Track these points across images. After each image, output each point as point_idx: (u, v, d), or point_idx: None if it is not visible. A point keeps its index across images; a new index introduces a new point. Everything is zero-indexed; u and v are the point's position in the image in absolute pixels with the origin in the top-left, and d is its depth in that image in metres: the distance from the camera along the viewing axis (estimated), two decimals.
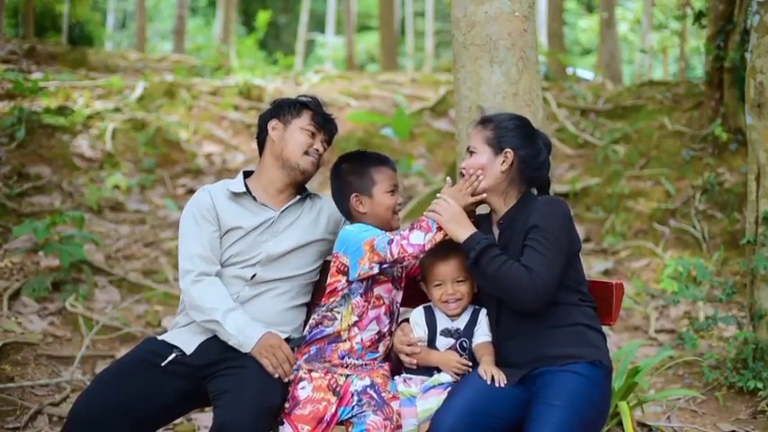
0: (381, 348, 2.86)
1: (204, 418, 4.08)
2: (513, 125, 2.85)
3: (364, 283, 2.78)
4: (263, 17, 15.87)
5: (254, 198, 3.02)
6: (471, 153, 2.84)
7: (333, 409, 2.72)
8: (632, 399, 3.83)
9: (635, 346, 4.30)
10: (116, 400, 2.71)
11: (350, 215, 2.93)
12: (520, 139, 2.83)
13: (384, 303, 2.82)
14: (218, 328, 2.82)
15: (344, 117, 10.31)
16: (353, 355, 2.79)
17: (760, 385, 4.13)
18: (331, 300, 2.82)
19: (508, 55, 3.51)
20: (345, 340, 2.79)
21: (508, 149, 2.80)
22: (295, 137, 3.01)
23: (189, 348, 2.87)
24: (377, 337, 2.82)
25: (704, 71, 7.94)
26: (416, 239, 2.69)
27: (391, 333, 2.88)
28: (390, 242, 2.70)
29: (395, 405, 2.72)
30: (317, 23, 27.39)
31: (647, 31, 18.26)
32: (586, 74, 17.28)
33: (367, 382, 2.76)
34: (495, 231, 2.87)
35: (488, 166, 2.80)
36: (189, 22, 22.02)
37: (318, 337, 2.81)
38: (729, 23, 7.07)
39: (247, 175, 3.12)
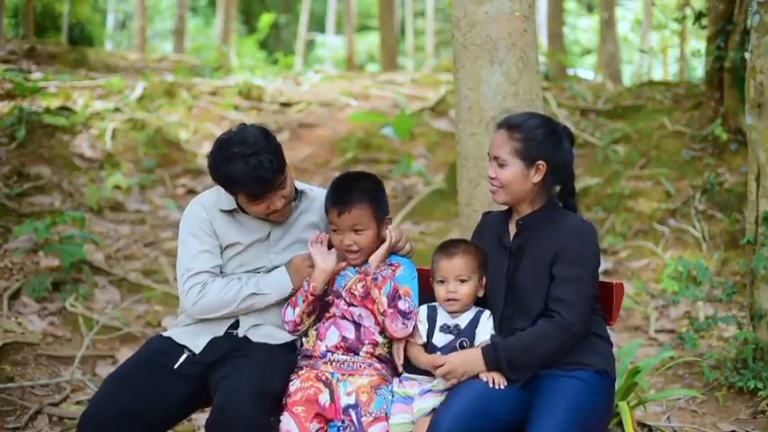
0: (362, 353, 2.84)
1: (204, 418, 4.06)
2: (543, 133, 2.74)
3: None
4: (266, 18, 15.88)
5: (246, 212, 2.96)
6: (501, 165, 2.74)
7: (327, 399, 2.72)
8: (632, 399, 3.82)
9: (635, 346, 4.29)
10: (131, 404, 2.68)
11: None
12: (550, 147, 2.74)
13: (334, 315, 2.86)
14: (255, 300, 2.85)
15: (344, 117, 10.32)
16: (330, 353, 2.83)
17: (760, 385, 4.12)
18: None
19: (508, 55, 3.50)
20: (313, 347, 2.87)
21: (540, 162, 2.72)
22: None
23: (197, 348, 2.87)
24: (344, 343, 2.83)
25: (704, 71, 7.93)
26: (288, 316, 2.89)
27: (375, 342, 2.86)
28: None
29: (376, 429, 2.69)
30: (317, 23, 27.35)
31: (647, 31, 18.27)
32: (586, 74, 17.30)
33: (352, 400, 2.73)
34: (512, 229, 2.84)
35: (520, 179, 2.73)
36: (189, 22, 22.02)
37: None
38: (729, 23, 7.07)
39: None
